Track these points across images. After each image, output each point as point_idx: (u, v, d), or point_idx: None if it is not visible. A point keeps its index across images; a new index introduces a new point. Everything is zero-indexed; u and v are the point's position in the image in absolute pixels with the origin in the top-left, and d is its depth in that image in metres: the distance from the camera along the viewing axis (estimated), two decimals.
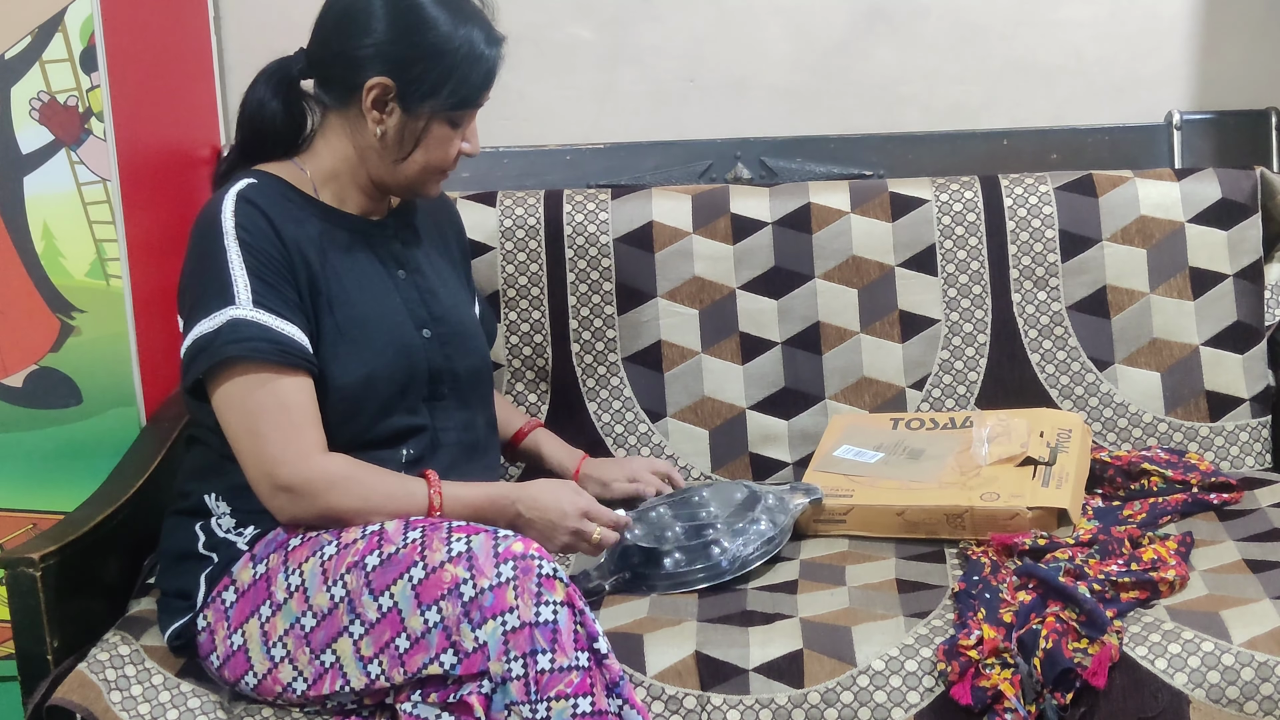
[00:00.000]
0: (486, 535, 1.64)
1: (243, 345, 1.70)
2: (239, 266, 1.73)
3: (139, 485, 1.97)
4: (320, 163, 1.86)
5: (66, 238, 2.13)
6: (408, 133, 1.81)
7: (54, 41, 2.08)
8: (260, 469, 1.71)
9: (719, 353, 2.30)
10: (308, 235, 1.80)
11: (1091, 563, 1.83)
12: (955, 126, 2.51)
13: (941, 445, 2.12)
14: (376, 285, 1.85)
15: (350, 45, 1.80)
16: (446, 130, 1.83)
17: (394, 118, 1.80)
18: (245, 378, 1.71)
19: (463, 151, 1.87)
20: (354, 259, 1.85)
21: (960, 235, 2.31)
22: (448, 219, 2.08)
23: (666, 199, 2.35)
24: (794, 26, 2.52)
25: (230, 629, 1.74)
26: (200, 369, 1.72)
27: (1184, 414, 2.26)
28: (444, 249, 2.02)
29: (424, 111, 1.80)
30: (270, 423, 1.71)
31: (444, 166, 1.86)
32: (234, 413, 1.72)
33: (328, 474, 1.72)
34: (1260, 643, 1.67)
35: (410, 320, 1.86)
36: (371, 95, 1.79)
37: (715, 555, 1.88)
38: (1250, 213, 2.29)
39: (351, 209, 1.88)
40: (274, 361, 1.71)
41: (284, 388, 1.72)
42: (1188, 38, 2.49)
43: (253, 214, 1.76)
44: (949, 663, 1.68)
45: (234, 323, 1.71)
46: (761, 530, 1.92)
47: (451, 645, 1.60)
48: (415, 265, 1.92)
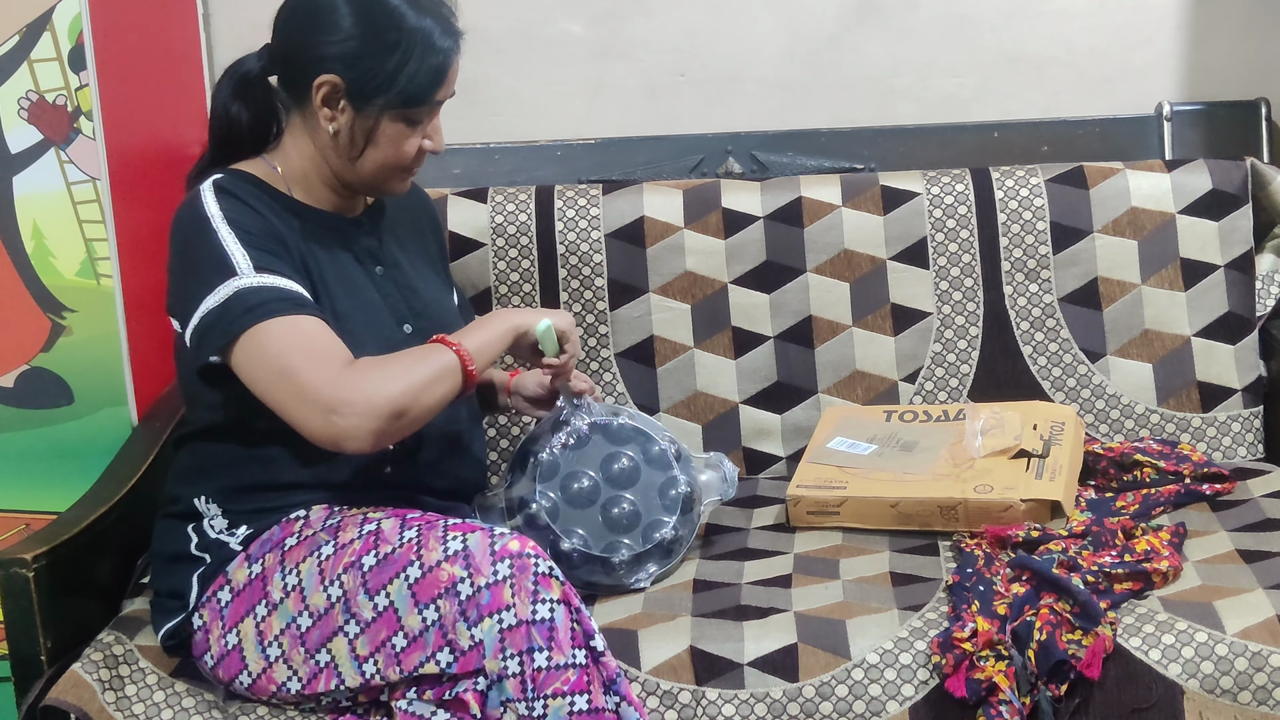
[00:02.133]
0: (483, 533, 1.63)
1: (255, 313, 1.67)
2: (233, 241, 1.71)
3: (131, 485, 1.97)
4: (289, 161, 1.84)
5: (56, 237, 2.12)
6: (359, 130, 1.78)
7: (42, 41, 2.08)
8: (304, 405, 1.66)
9: (711, 347, 2.30)
10: (288, 226, 1.79)
11: (1085, 554, 1.83)
12: (946, 119, 2.51)
13: (935, 437, 2.12)
14: (355, 282, 1.84)
15: (301, 42, 1.78)
16: (401, 128, 1.78)
17: (345, 115, 1.77)
18: (265, 332, 1.67)
19: (424, 149, 1.82)
20: (332, 256, 1.83)
21: (952, 228, 2.31)
22: (424, 212, 2.05)
23: (658, 194, 2.35)
24: (784, 20, 2.52)
25: (225, 628, 1.74)
26: (216, 344, 1.70)
27: (1176, 405, 2.26)
28: (421, 243, 2.00)
29: (374, 109, 1.76)
30: (298, 358, 1.66)
31: (402, 164, 1.81)
32: (261, 368, 1.68)
33: (362, 373, 1.68)
34: (1254, 633, 1.67)
35: (391, 317, 1.85)
36: (321, 93, 1.76)
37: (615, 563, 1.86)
38: (1241, 203, 2.29)
39: (325, 206, 1.86)
40: (289, 312, 1.69)
41: (302, 325, 1.69)
42: (1177, 29, 2.49)
43: (233, 201, 1.75)
44: (943, 655, 1.68)
45: (241, 293, 1.68)
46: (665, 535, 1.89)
47: (448, 644, 1.59)
48: (393, 261, 1.91)
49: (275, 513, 1.77)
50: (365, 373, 1.68)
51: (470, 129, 2.50)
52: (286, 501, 1.78)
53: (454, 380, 1.73)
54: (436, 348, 1.75)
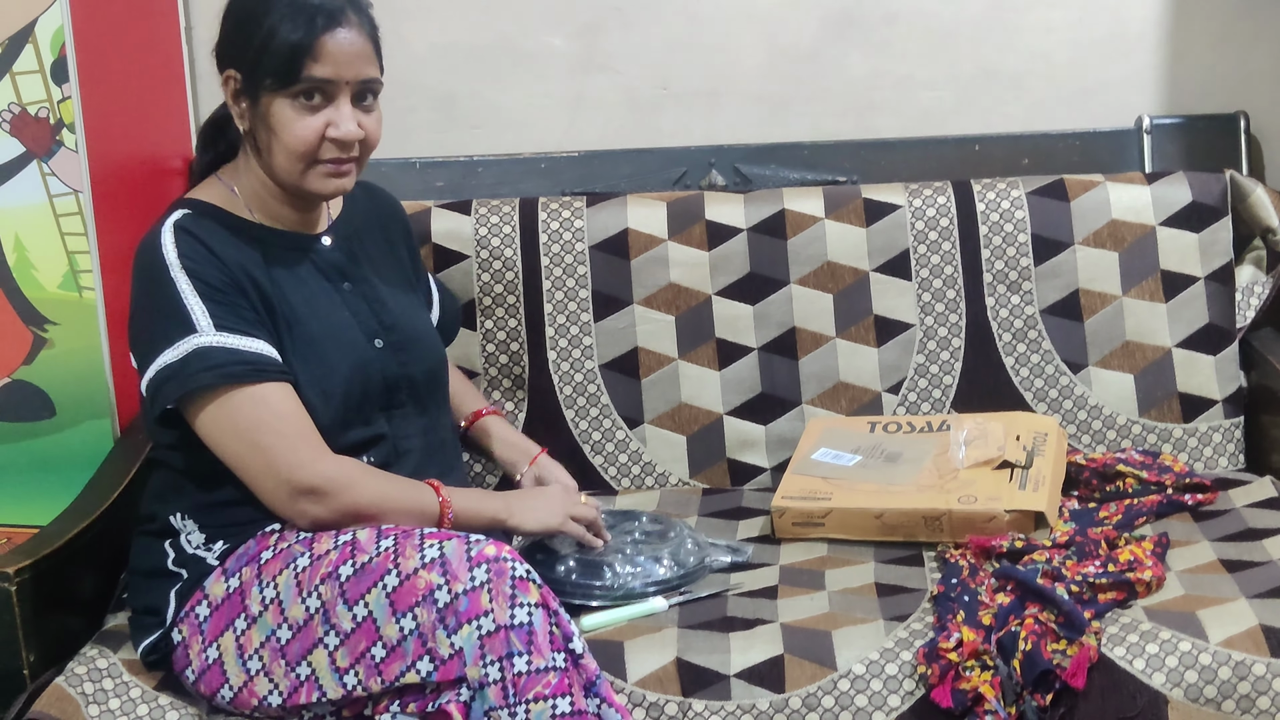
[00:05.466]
0: (459, 540, 1.63)
1: (215, 372, 1.68)
2: (191, 294, 1.70)
3: (113, 498, 1.96)
4: (241, 180, 1.82)
5: (38, 250, 2.11)
6: (259, 122, 1.74)
7: (24, 53, 2.07)
8: (276, 479, 1.70)
9: (696, 359, 2.31)
10: (250, 259, 1.77)
11: (1069, 564, 1.84)
12: (927, 132, 2.52)
13: (919, 448, 2.13)
14: (323, 301, 1.83)
15: (218, 44, 1.78)
16: (289, 109, 1.71)
17: (247, 108, 1.75)
18: (228, 401, 1.69)
19: (328, 137, 1.72)
20: (298, 277, 1.82)
21: (934, 240, 2.32)
22: (392, 219, 2.01)
23: (641, 206, 2.35)
24: (766, 34, 2.52)
25: (205, 643, 1.73)
26: (170, 397, 1.70)
27: (1157, 416, 2.27)
28: (390, 253, 1.97)
29: (262, 94, 1.72)
30: (271, 433, 1.69)
31: (305, 152, 1.72)
32: (228, 435, 1.70)
33: (344, 471, 1.72)
34: (1237, 641, 1.68)
35: (361, 332, 1.84)
36: (229, 91, 1.75)
37: (606, 576, 1.87)
38: (1220, 215, 2.30)
39: (286, 225, 1.83)
40: (251, 380, 1.70)
41: (271, 398, 1.70)
42: (1156, 43, 2.51)
43: (192, 243, 1.73)
44: (929, 666, 1.69)
45: (200, 351, 1.69)
46: (659, 572, 1.89)
47: (427, 652, 1.59)
48: (361, 276, 1.89)
49: (250, 526, 1.77)
50: (349, 470, 1.72)
51: (453, 142, 2.50)
52: (261, 515, 1.76)
53: (424, 522, 1.75)
54: (426, 491, 1.76)
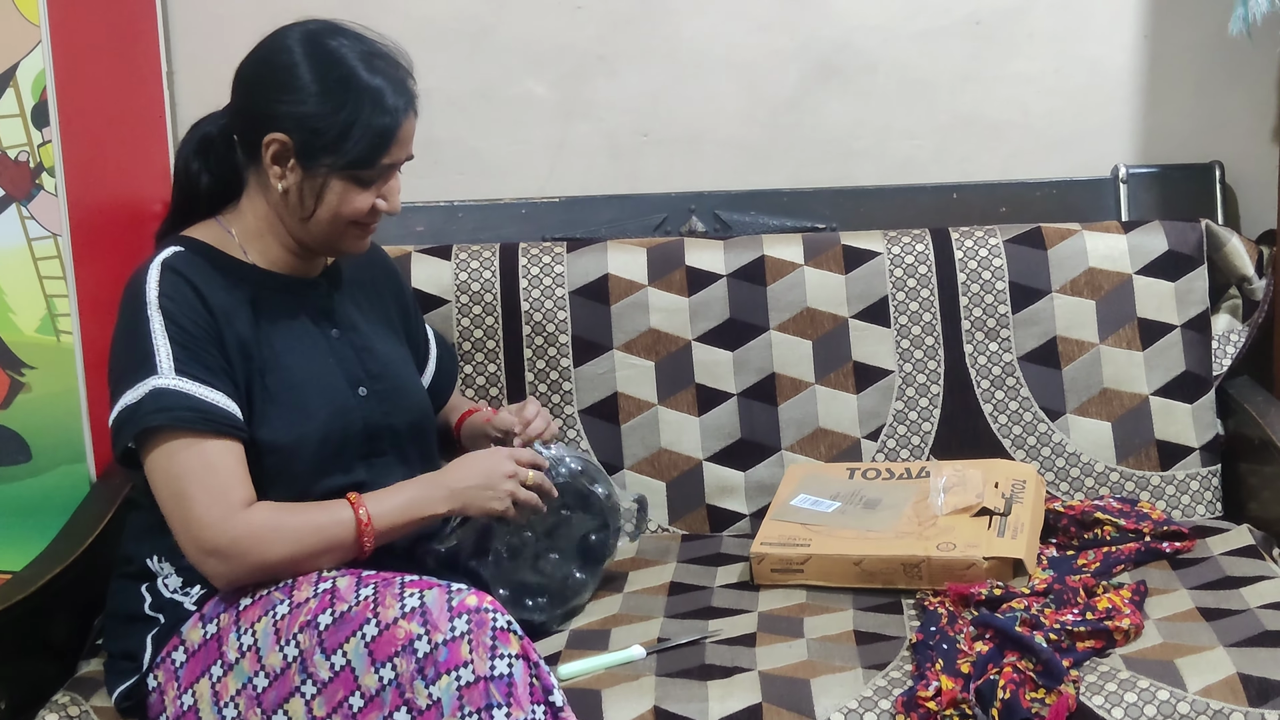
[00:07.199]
0: (440, 590, 1.62)
1: (165, 415, 1.68)
2: (161, 335, 1.71)
3: (89, 543, 1.95)
4: (245, 222, 1.83)
5: (16, 293, 2.11)
6: (308, 190, 1.77)
7: (5, 96, 2.07)
8: (187, 534, 1.69)
9: (675, 404, 2.31)
10: (238, 301, 1.77)
11: (1047, 612, 1.84)
12: (906, 180, 2.54)
13: (898, 495, 2.13)
14: (309, 346, 1.83)
15: (255, 99, 1.78)
16: (350, 187, 1.76)
17: (294, 174, 1.76)
18: (171, 445, 1.69)
19: (378, 209, 1.80)
20: (287, 321, 1.82)
21: (912, 287, 2.33)
22: (383, 272, 2.04)
23: (622, 252, 2.36)
24: (746, 82, 2.54)
25: (180, 689, 1.71)
26: (126, 439, 1.71)
27: (1135, 463, 2.28)
28: (379, 304, 1.98)
29: (322, 169, 1.75)
30: (195, 485, 1.68)
31: (356, 222, 1.80)
32: (161, 479, 1.70)
33: (251, 529, 1.69)
34: (1215, 690, 1.68)
35: (345, 380, 1.84)
36: (270, 151, 1.75)
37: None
38: (1197, 264, 2.32)
39: (281, 268, 1.84)
40: (198, 429, 1.69)
41: (209, 451, 1.70)
42: (1132, 93, 2.54)
43: (178, 282, 1.74)
44: (907, 714, 1.68)
45: (156, 392, 1.69)
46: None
47: (405, 703, 1.58)
48: (350, 323, 1.90)
49: None
50: (256, 529, 1.69)
51: (434, 187, 2.51)
52: None
53: (342, 554, 1.73)
54: (343, 514, 1.73)
